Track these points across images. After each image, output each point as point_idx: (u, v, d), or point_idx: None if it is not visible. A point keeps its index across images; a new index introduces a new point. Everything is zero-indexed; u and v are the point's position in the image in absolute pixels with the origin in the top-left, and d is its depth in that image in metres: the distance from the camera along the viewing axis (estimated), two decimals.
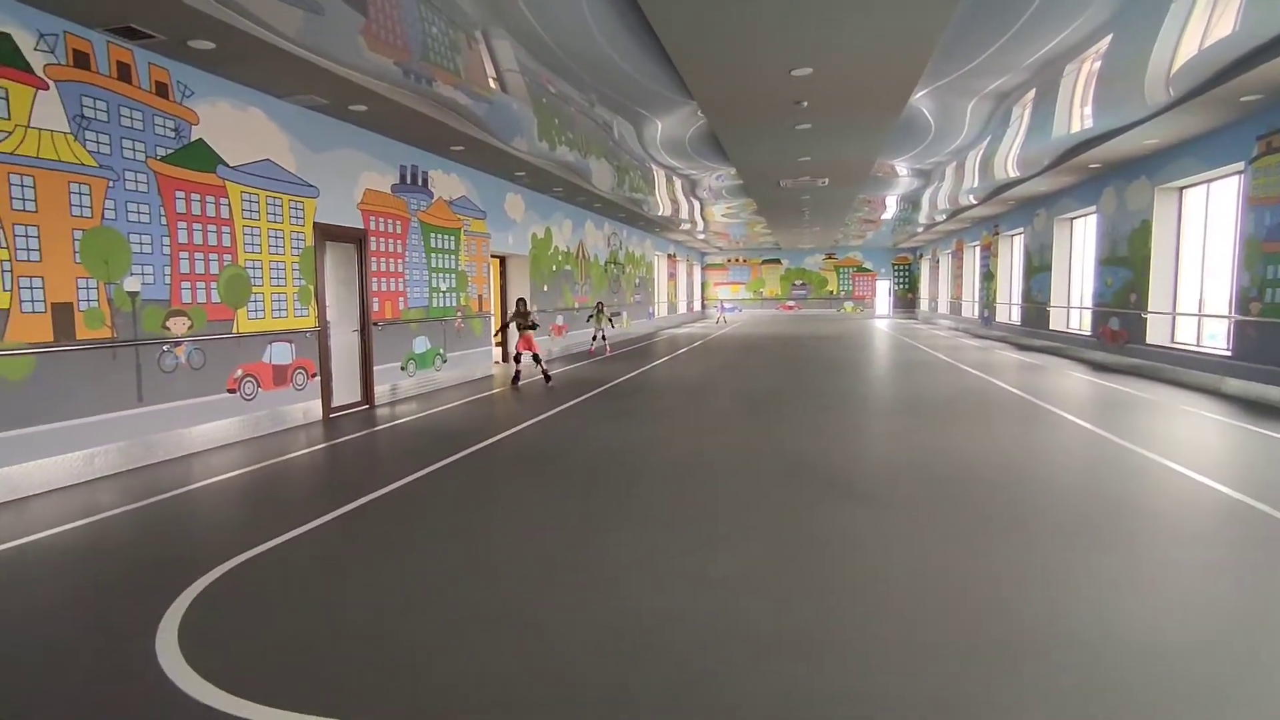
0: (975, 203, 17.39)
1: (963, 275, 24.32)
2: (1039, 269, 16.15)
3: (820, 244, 33.10)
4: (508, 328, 10.68)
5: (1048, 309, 15.66)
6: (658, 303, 25.54)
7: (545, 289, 14.27)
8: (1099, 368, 12.03)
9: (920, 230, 25.59)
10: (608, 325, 15.05)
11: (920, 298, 33.40)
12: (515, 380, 10.44)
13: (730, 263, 36.37)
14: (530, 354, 10.39)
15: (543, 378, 10.72)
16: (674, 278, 28.98)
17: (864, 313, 34.90)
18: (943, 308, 27.78)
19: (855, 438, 6.61)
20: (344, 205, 7.99)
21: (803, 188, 15.58)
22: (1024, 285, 17.28)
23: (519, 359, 10.53)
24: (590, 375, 11.49)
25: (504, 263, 13.28)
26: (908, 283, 35.27)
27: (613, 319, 16.72)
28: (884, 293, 35.59)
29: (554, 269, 14.73)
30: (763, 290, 36.25)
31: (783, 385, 10.23)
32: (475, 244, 11.12)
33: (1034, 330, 16.48)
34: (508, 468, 5.59)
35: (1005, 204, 16.96)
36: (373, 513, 4.40)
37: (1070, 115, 9.60)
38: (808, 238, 29.26)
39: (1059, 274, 15.30)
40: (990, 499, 4.59)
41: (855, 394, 9.38)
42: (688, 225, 23.13)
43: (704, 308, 35.94)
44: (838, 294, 35.72)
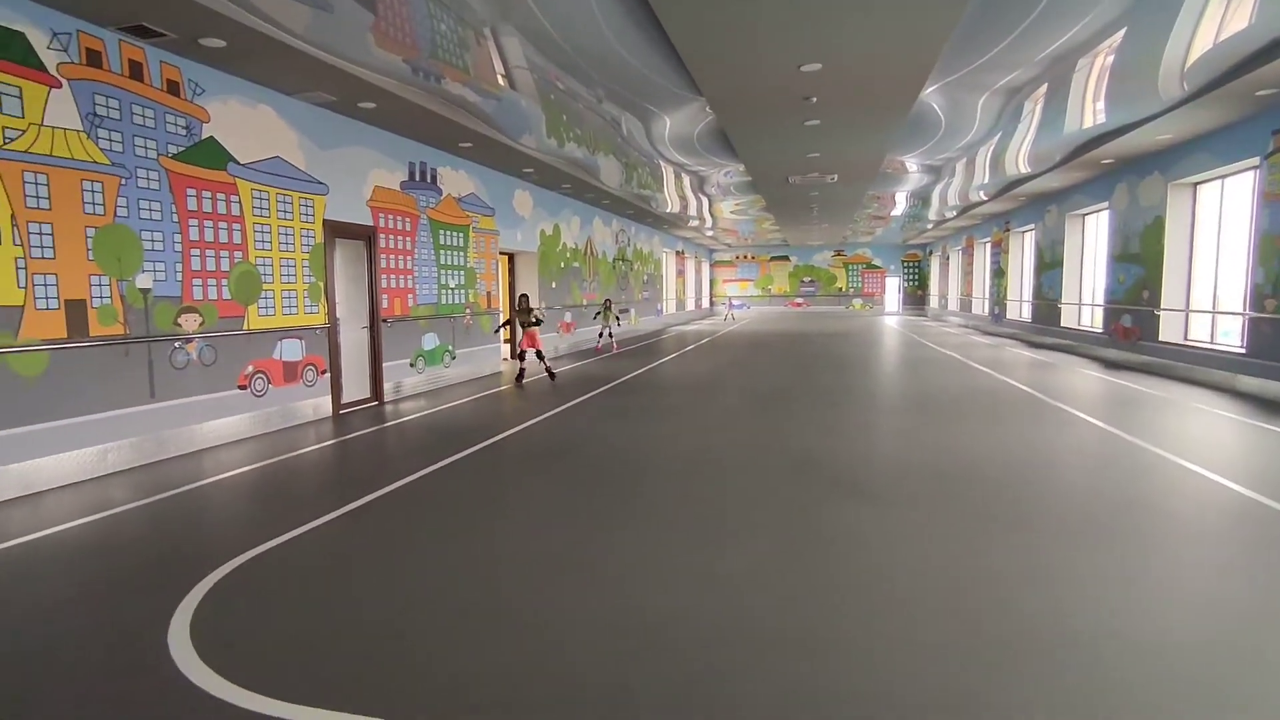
0: (986, 199, 17.28)
1: (973, 272, 24.19)
2: (1050, 265, 16.04)
3: (829, 241, 32.98)
4: (509, 324, 10.61)
5: (1059, 306, 15.55)
6: (666, 300, 25.53)
7: (554, 286, 14.29)
8: (1111, 365, 11.94)
9: (930, 227, 25.47)
10: (614, 323, 15.03)
11: (930, 295, 33.22)
12: (520, 378, 10.38)
13: (739, 259, 36.31)
14: (534, 351, 10.34)
15: (547, 375, 10.67)
16: (682, 274, 28.96)
17: (873, 310, 34.77)
18: (953, 305, 27.64)
19: (863, 435, 6.58)
20: (353, 202, 8.03)
21: (812, 184, 15.52)
22: (1035, 282, 17.17)
23: (523, 356, 10.47)
24: (598, 372, 11.50)
25: (512, 260, 13.31)
26: (917, 280, 35.10)
27: (619, 317, 16.70)
28: (893, 289, 35.45)
29: (562, 266, 14.74)
30: (771, 287, 36.19)
31: (791, 382, 10.21)
32: (484, 241, 11.14)
33: (1045, 327, 16.37)
34: (515, 465, 5.60)
35: (1016, 200, 16.84)
36: (381, 509, 4.43)
37: (1083, 110, 9.52)
38: (816, 234, 29.16)
39: (1070, 271, 15.18)
40: (998, 497, 4.57)
41: (863, 391, 9.35)
42: (696, 222, 23.10)
43: (712, 305, 35.90)
44: (846, 291, 35.62)
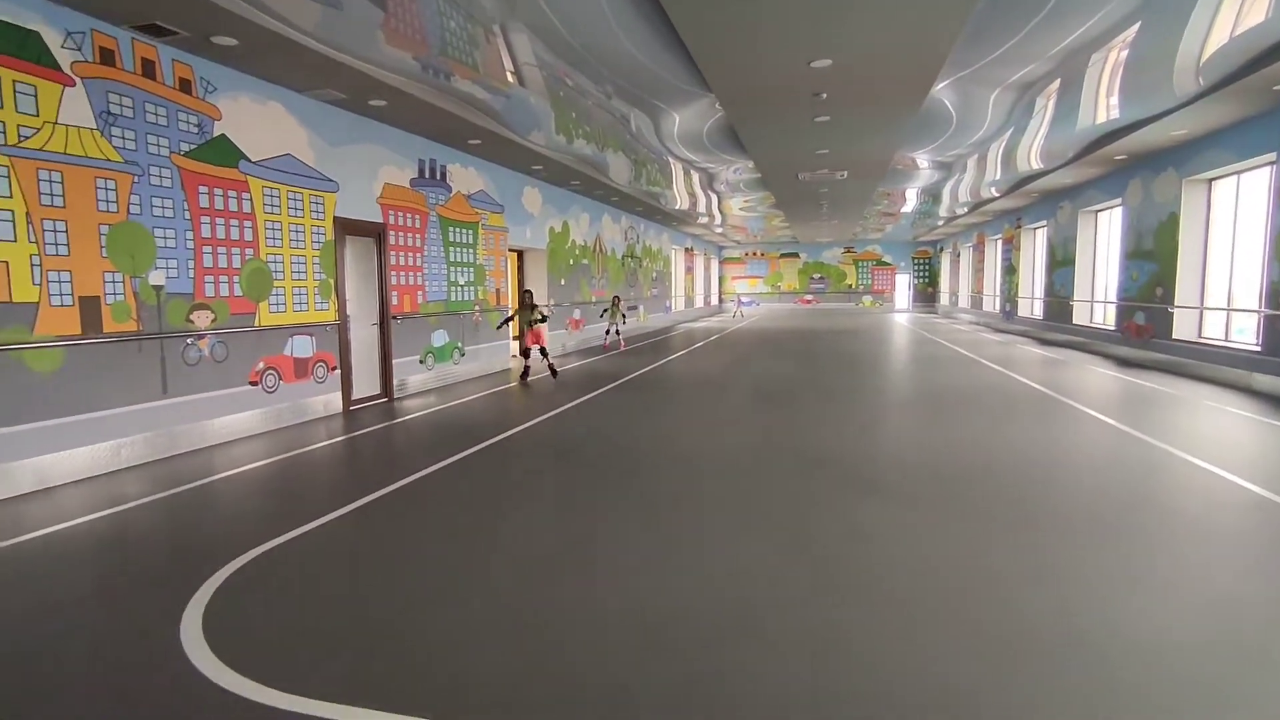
0: (997, 195, 17.14)
1: (984, 269, 24.03)
2: (1062, 263, 15.91)
3: (839, 237, 32.84)
4: (512, 319, 10.52)
5: (1071, 303, 15.42)
6: (675, 297, 25.50)
7: (563, 283, 14.30)
8: (1124, 363, 11.84)
9: (941, 224, 25.30)
10: (621, 320, 15.00)
11: (940, 292, 33.04)
12: (524, 376, 10.28)
13: (748, 256, 36.22)
14: (538, 348, 10.24)
15: (549, 373, 10.55)
16: (691, 271, 28.91)
17: (883, 307, 34.61)
18: (963, 302, 27.47)
19: (873, 434, 6.56)
20: (363, 199, 8.06)
21: (821, 181, 15.45)
22: (1047, 279, 17.03)
23: (528, 354, 10.33)
24: (606, 370, 11.51)
25: (521, 257, 13.32)
26: (928, 277, 34.91)
27: (626, 314, 16.64)
28: (903, 287, 35.27)
29: (571, 263, 14.75)
30: (780, 284, 36.08)
31: (799, 380, 10.17)
32: (493, 238, 11.16)
33: (1057, 325, 16.25)
34: (522, 462, 5.62)
35: (1028, 196, 16.71)
36: (389, 505, 4.45)
37: (1096, 106, 9.42)
38: (826, 231, 29.04)
39: (1083, 268, 15.05)
40: (1007, 496, 4.54)
41: (873, 389, 9.31)
42: (705, 219, 23.05)
43: (721, 302, 35.83)
44: (856, 288, 35.46)
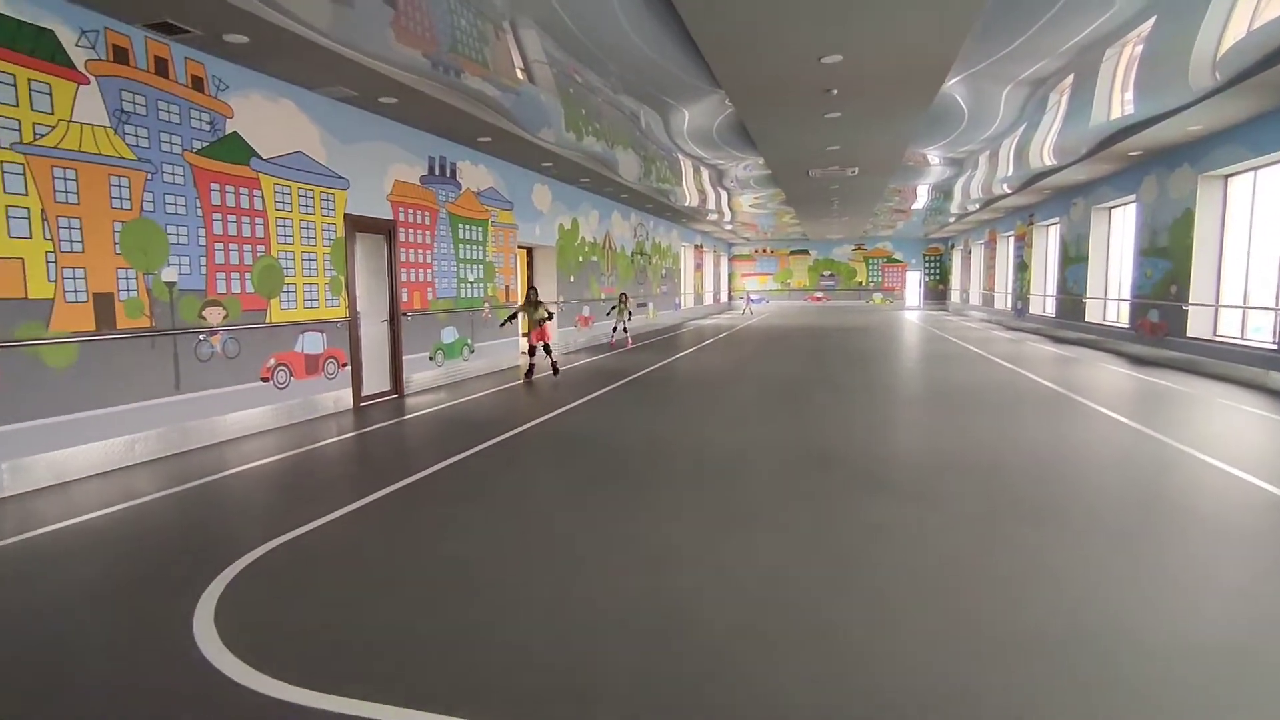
0: (1009, 192, 17.00)
1: (995, 266, 23.85)
2: (1075, 259, 15.77)
3: (849, 234, 32.69)
4: (517, 316, 10.48)
5: (1084, 301, 15.29)
6: (684, 294, 25.47)
7: (572, 280, 14.31)
8: (1137, 361, 11.73)
9: (952, 220, 25.12)
10: (628, 317, 14.96)
11: (951, 289, 32.84)
12: (529, 374, 10.25)
13: (758, 253, 36.11)
14: (541, 345, 10.18)
15: (551, 371, 10.51)
16: (701, 268, 28.86)
17: (893, 304, 34.43)
18: (974, 299, 27.29)
19: (882, 431, 6.54)
20: (374, 197, 8.09)
21: (832, 177, 15.38)
22: (1059, 276, 16.89)
23: (533, 352, 10.27)
24: (614, 367, 11.51)
25: (531, 253, 13.35)
26: (939, 274, 34.69)
27: (633, 312, 16.58)
28: (914, 284, 35.06)
29: (580, 260, 14.76)
30: (790, 281, 35.95)
31: (808, 378, 10.15)
32: (502, 235, 11.18)
33: (1069, 322, 16.11)
34: (531, 459, 5.63)
35: (1041, 193, 16.56)
36: (399, 501, 4.48)
37: (1110, 101, 9.32)
38: (836, 228, 28.91)
39: (1096, 265, 14.91)
40: (1018, 494, 4.51)
41: (883, 387, 9.27)
42: (715, 216, 23.00)
43: (731, 299, 35.76)
44: (867, 285, 35.29)
